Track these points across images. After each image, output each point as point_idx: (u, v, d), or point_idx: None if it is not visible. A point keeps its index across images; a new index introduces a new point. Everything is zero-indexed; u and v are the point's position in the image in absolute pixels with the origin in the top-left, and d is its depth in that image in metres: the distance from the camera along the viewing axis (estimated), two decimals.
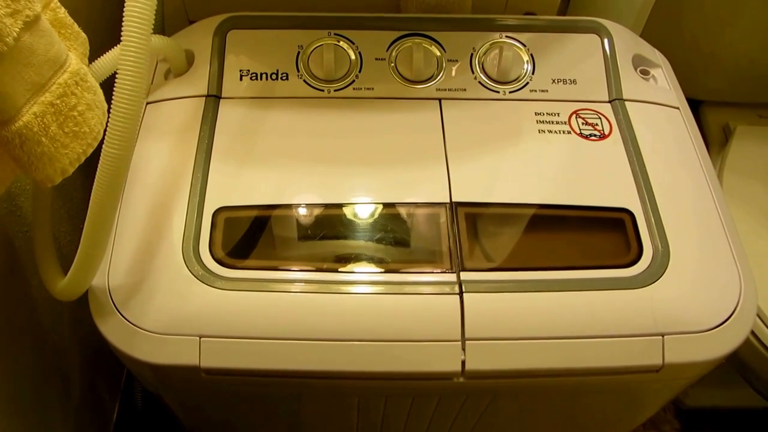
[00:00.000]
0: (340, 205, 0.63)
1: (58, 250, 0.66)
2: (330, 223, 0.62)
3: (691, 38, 1.06)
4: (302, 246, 0.62)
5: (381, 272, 0.59)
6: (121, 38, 0.47)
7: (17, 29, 0.43)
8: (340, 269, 0.59)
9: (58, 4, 0.52)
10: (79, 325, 0.59)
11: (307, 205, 0.63)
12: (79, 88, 0.51)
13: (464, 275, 0.58)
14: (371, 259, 0.60)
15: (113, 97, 0.47)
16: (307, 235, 0.62)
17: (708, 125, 1.17)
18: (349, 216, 0.63)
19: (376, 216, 0.63)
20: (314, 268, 0.59)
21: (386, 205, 0.63)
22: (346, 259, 0.60)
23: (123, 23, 0.46)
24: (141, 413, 1.12)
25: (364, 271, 0.59)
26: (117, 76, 0.47)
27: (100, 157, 0.49)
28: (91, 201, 0.51)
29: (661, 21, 1.01)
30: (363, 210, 0.63)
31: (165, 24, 0.84)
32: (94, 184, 0.50)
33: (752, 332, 0.86)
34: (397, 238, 0.62)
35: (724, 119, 1.15)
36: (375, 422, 0.72)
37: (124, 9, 0.46)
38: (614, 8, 0.96)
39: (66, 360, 0.87)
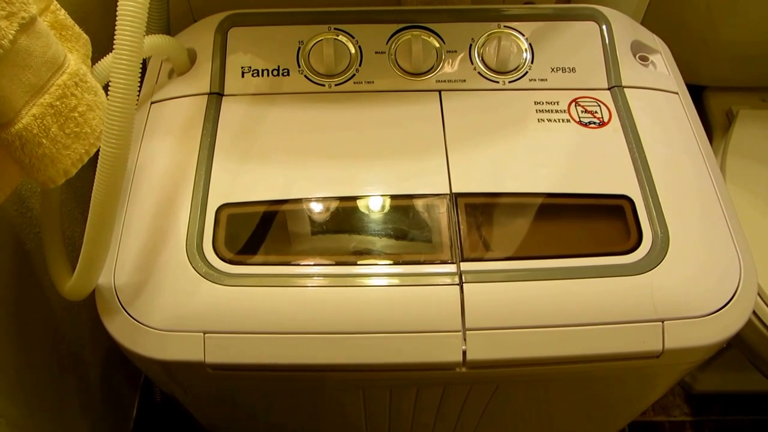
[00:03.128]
0: (341, 199, 0.63)
1: (72, 251, 0.67)
2: (331, 217, 0.63)
3: (694, 23, 1.05)
4: (304, 240, 0.62)
5: (382, 264, 0.60)
6: (114, 37, 0.47)
7: (13, 31, 0.43)
8: (340, 262, 0.60)
9: (58, 6, 0.52)
10: (97, 322, 0.59)
11: (309, 200, 0.63)
12: (78, 89, 0.51)
13: (464, 265, 0.59)
14: (372, 252, 0.61)
15: (108, 95, 0.48)
16: (309, 230, 0.62)
17: (711, 110, 1.16)
18: (350, 209, 0.63)
19: (377, 208, 0.63)
20: (315, 263, 0.60)
21: (387, 198, 0.63)
22: (346, 252, 0.61)
23: (116, 23, 0.47)
24: (160, 408, 1.14)
25: (365, 263, 0.60)
26: (111, 75, 0.47)
27: (99, 157, 0.50)
28: (91, 201, 0.51)
29: (664, 7, 1.01)
30: (364, 203, 0.63)
31: (171, 25, 0.85)
32: (94, 184, 0.51)
33: (756, 316, 0.86)
34: (398, 229, 0.62)
35: (728, 104, 1.15)
36: (383, 414, 0.73)
37: (117, 9, 0.47)
38: None
39: (85, 357, 0.88)
